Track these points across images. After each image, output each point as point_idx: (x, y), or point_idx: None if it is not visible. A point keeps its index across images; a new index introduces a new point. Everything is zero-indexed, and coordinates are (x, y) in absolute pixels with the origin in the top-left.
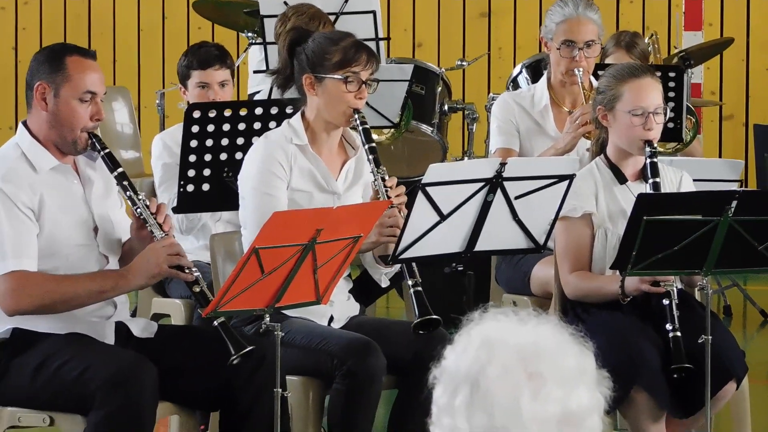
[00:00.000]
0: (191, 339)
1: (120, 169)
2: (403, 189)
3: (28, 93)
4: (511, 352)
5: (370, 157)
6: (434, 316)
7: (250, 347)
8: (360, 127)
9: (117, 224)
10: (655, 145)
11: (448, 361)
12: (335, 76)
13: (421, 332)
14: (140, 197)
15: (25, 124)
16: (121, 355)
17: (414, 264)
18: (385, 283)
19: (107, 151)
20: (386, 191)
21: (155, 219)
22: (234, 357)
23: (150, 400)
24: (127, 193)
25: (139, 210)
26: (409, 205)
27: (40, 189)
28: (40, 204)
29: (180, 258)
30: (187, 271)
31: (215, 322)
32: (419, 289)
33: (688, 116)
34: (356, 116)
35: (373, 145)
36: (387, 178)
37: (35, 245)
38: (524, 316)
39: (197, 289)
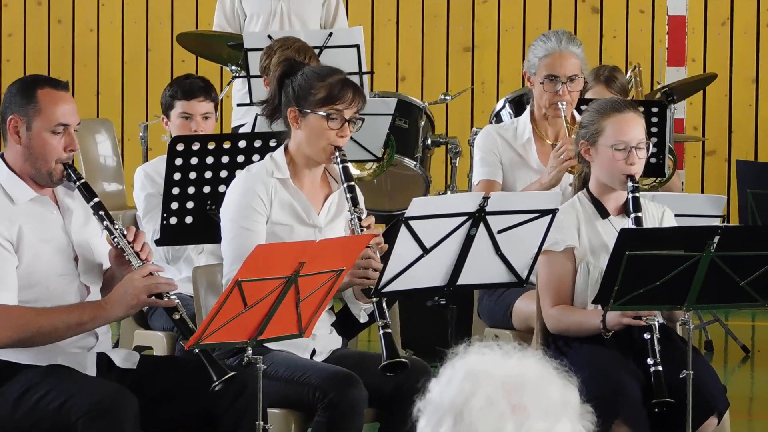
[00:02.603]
0: (173, 369)
1: (96, 199)
2: (380, 230)
3: (3, 126)
4: (496, 384)
5: (348, 195)
6: (402, 359)
7: (232, 373)
8: (340, 165)
9: (98, 253)
10: (637, 179)
11: (432, 393)
12: (318, 113)
13: (389, 374)
14: (117, 226)
15: (2, 156)
16: (102, 386)
17: (384, 305)
18: (363, 319)
19: (83, 181)
20: (361, 231)
21: (132, 248)
22: (216, 383)
23: (131, 429)
24: (104, 222)
25: (116, 239)
26: (392, 239)
27: (19, 220)
28: (18, 236)
29: (158, 285)
30: (166, 298)
31: (196, 348)
32: (389, 330)
33: (669, 156)
34: (337, 154)
35: (352, 183)
36: (363, 217)
37: (14, 278)
38: (509, 349)
39: (177, 317)
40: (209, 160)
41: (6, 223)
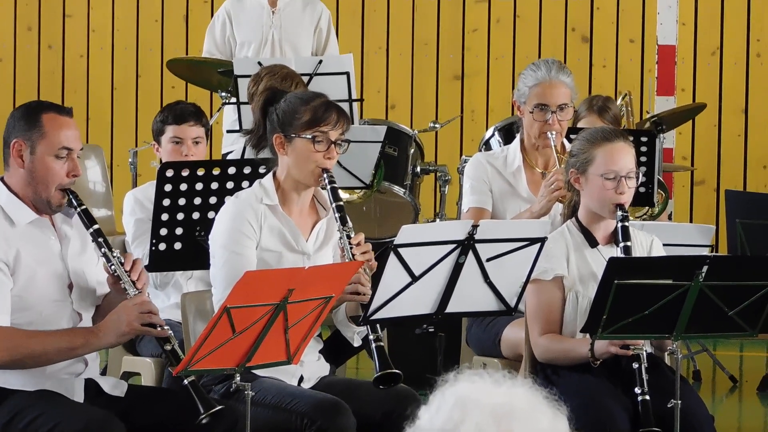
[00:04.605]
0: (161, 400)
1: (96, 226)
2: (369, 246)
3: (5, 150)
4: (485, 411)
5: (337, 215)
6: (395, 371)
7: (219, 407)
8: (328, 186)
9: (92, 281)
10: (627, 209)
11: (421, 420)
12: (304, 136)
13: (381, 387)
14: (114, 254)
15: (2, 180)
16: (90, 412)
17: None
18: (357, 342)
19: (83, 207)
20: (351, 248)
21: (129, 276)
22: (203, 416)
23: None
24: (102, 250)
25: (113, 267)
26: (381, 266)
27: (17, 243)
28: (15, 258)
29: (152, 316)
30: (159, 328)
31: (185, 380)
32: (381, 344)
33: (659, 190)
34: (325, 176)
35: (341, 203)
36: (353, 235)
37: (8, 300)
38: (499, 378)
39: (168, 347)
40: (198, 186)
41: (3, 245)
